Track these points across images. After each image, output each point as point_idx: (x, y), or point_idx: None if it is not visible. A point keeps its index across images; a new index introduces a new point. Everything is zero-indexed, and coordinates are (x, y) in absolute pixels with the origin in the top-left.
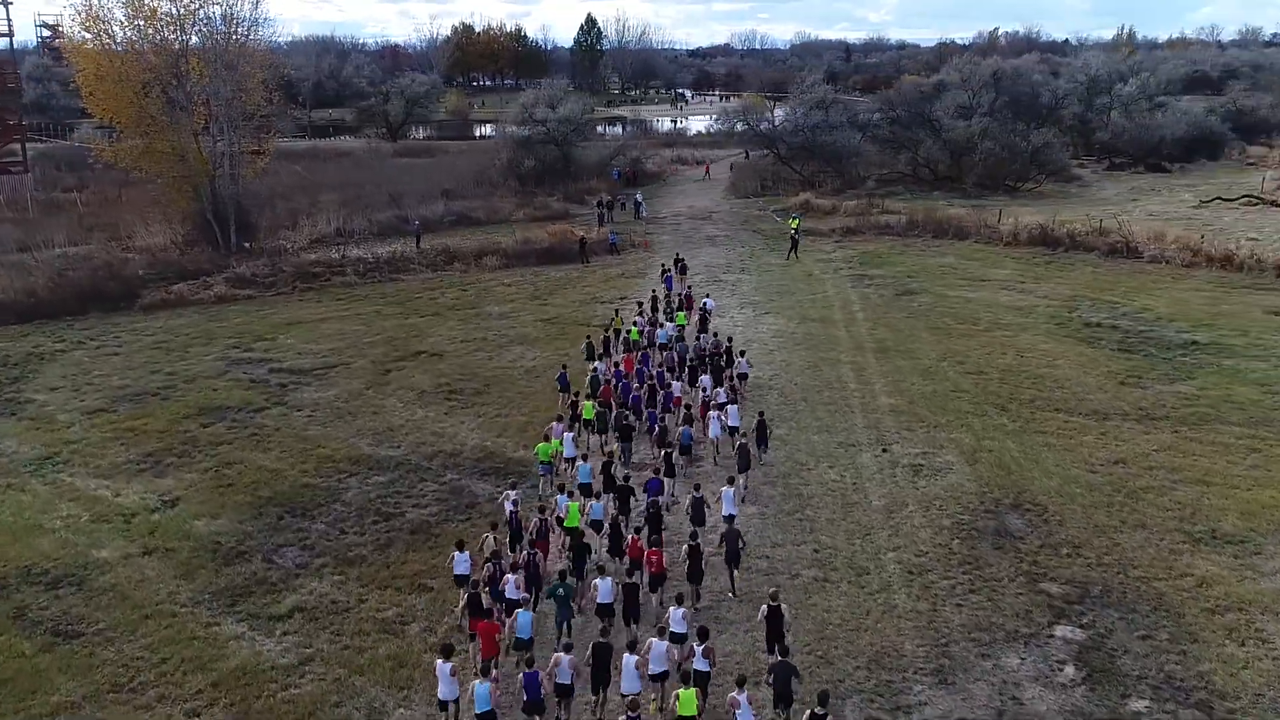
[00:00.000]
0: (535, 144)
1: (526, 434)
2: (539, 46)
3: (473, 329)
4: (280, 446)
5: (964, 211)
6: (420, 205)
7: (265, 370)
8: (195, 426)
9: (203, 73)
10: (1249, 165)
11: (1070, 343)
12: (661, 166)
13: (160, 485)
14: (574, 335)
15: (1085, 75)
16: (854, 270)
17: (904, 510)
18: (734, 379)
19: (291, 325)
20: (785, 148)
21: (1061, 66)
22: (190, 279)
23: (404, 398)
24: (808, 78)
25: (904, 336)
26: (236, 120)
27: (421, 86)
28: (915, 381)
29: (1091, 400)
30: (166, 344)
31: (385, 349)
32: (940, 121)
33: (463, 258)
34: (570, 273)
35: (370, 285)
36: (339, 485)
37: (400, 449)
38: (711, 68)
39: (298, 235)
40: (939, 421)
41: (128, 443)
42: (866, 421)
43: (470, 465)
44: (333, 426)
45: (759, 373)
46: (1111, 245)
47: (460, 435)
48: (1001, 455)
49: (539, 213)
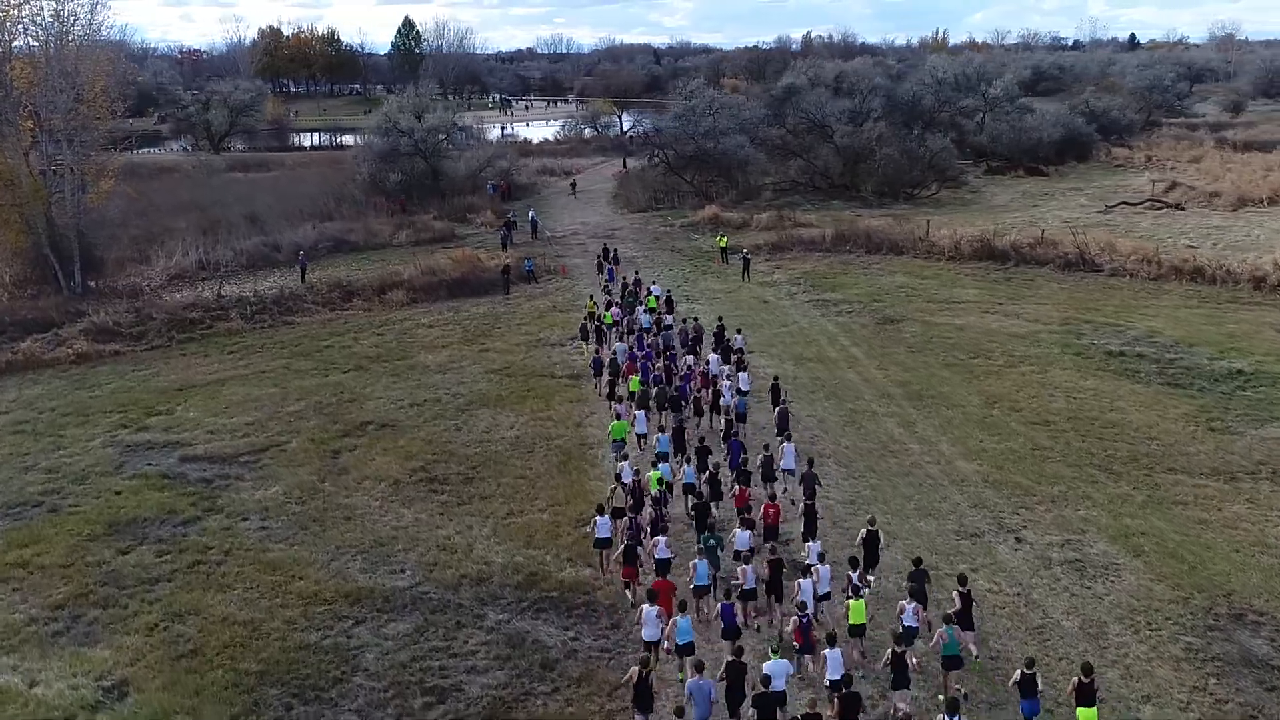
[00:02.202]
0: (401, 156)
1: (561, 540)
2: (353, 50)
3: (415, 388)
4: (240, 580)
5: (884, 223)
6: (286, 229)
7: (174, 459)
8: (109, 553)
9: (31, 80)
10: (1117, 166)
11: (1110, 377)
12: (532, 179)
13: (92, 661)
14: (542, 392)
15: (934, 78)
16: (808, 295)
17: (1108, 633)
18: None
19: (184, 391)
20: (674, 156)
21: (896, 70)
22: (37, 332)
23: (375, 492)
24: (689, 81)
25: (924, 377)
26: (77, 135)
27: (246, 94)
28: (981, 437)
29: (1197, 455)
30: (30, 425)
31: (319, 420)
32: (832, 128)
33: (362, 293)
34: (493, 307)
35: (261, 332)
36: (348, 643)
37: (407, 574)
38: (524, 72)
39: (152, 271)
40: (1051, 493)
41: (21, 588)
42: (966, 497)
43: (513, 597)
44: (301, 544)
45: (798, 435)
46: (1065, 259)
47: (477, 549)
48: (1161, 540)
49: (422, 235)
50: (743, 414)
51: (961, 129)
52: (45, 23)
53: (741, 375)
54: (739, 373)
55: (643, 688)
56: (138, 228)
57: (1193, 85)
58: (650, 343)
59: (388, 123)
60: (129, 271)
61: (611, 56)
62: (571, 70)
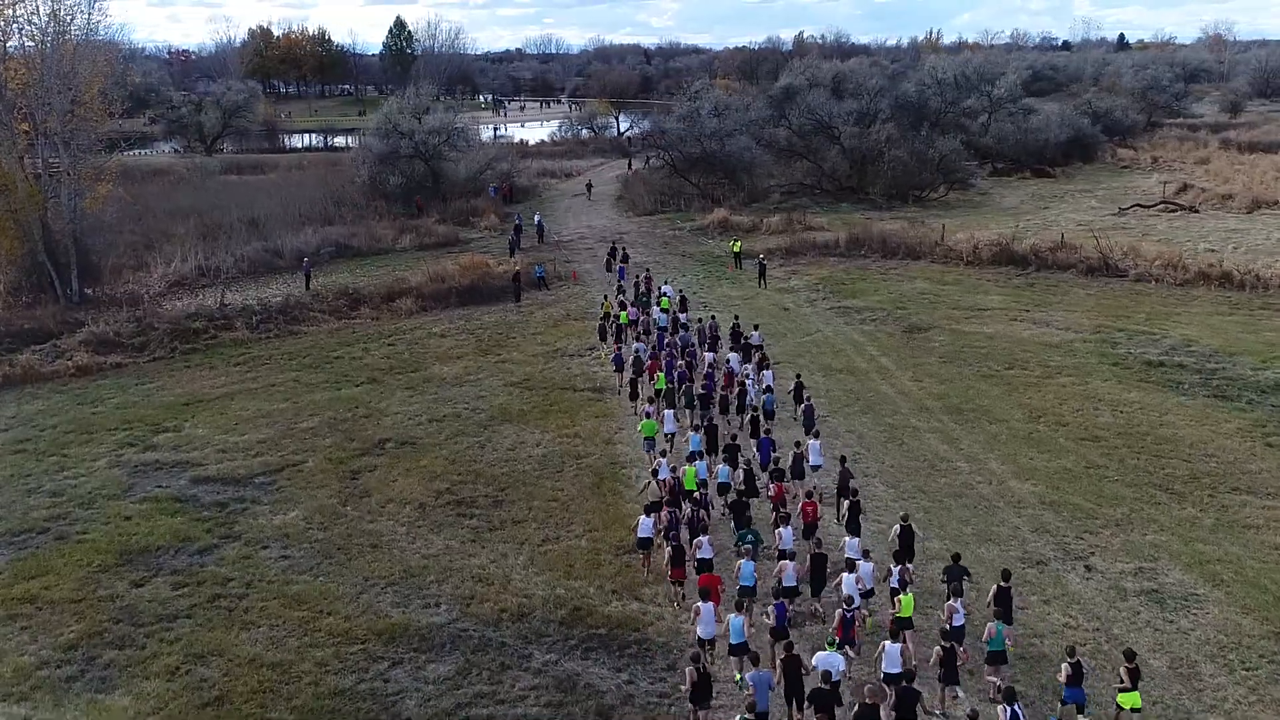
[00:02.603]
0: (401, 159)
1: (603, 570)
2: (344, 51)
3: (432, 402)
4: (265, 617)
5: (898, 226)
6: (287, 234)
7: (185, 480)
8: (123, 586)
9: (26, 81)
10: (1123, 168)
11: (1153, 389)
12: (533, 181)
13: (111, 711)
14: (566, 406)
15: (933, 78)
16: (829, 301)
17: (1201, 674)
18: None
19: (191, 406)
20: (680, 158)
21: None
22: (36, 344)
23: (399, 516)
24: (694, 82)
25: (961, 390)
26: (75, 138)
27: (239, 95)
28: (1030, 454)
29: (1260, 474)
30: (31, 444)
31: (335, 438)
32: (839, 129)
33: (370, 301)
34: (505, 315)
35: (268, 342)
36: (386, 688)
37: (442, 609)
38: (515, 72)
39: (151, 278)
40: (1114, 516)
41: (30, 625)
42: (1025, 521)
43: (558, 634)
44: (326, 575)
45: (835, 449)
46: (1088, 264)
47: (515, 580)
48: (1239, 568)
49: (425, 239)
50: (770, 411)
51: (966, 130)
52: (41, 22)
53: (765, 373)
54: (762, 371)
55: (702, 683)
56: (134, 233)
57: (1187, 85)
58: (670, 342)
59: (388, 124)
60: (127, 279)
61: (601, 57)
62: (562, 71)
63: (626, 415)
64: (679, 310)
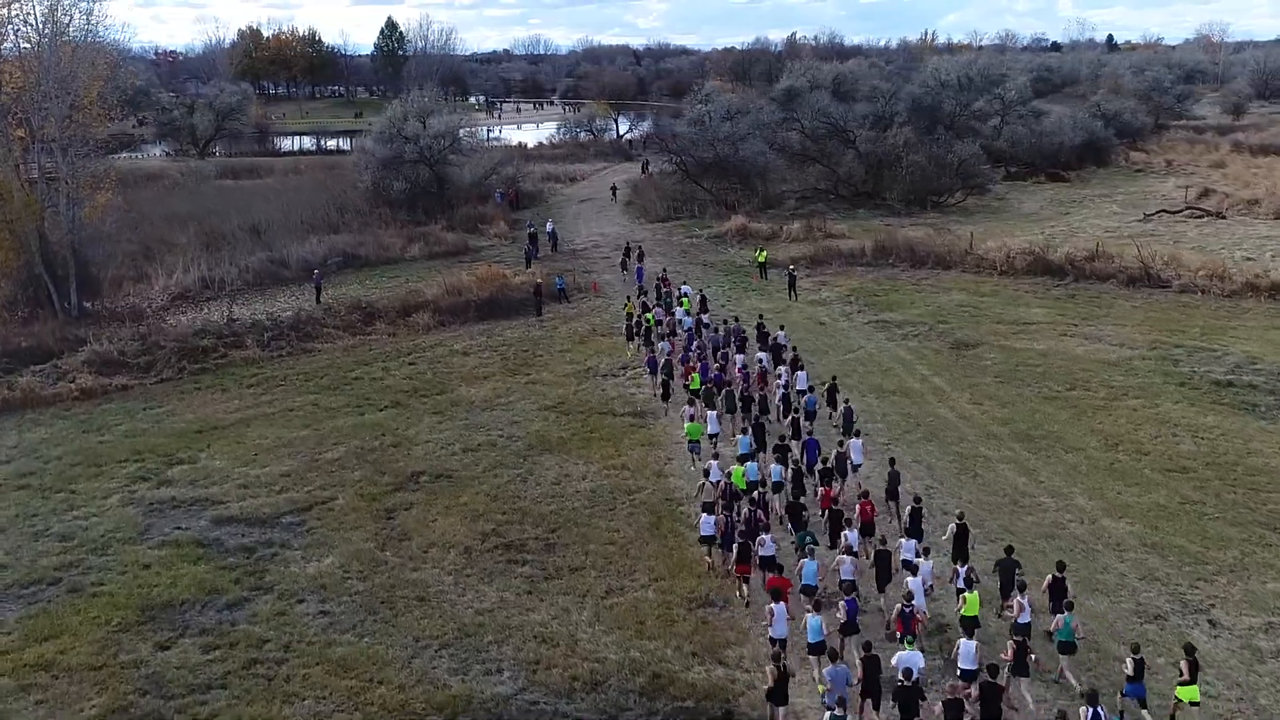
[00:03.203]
0: (405, 164)
1: (677, 628)
2: (335, 52)
3: (464, 428)
4: (309, 687)
5: (923, 234)
6: (291, 243)
7: (205, 520)
8: (147, 649)
9: (22, 85)
10: (1137, 171)
11: (1229, 413)
12: (538, 186)
13: None
14: (607, 433)
15: (937, 80)
16: (865, 315)
17: None
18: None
19: (205, 433)
20: (692, 163)
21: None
22: (36, 363)
23: (444, 563)
24: (704, 83)
25: (1026, 413)
26: (73, 145)
27: (232, 97)
28: (1117, 488)
29: None
30: (36, 478)
31: (365, 471)
32: (854, 133)
33: (385, 315)
34: (527, 330)
35: (281, 361)
36: None
37: (505, 676)
38: (505, 73)
39: (152, 290)
40: (1226, 561)
41: (46, 698)
42: (1129, 566)
43: (640, 708)
44: (372, 634)
45: (912, 485)
46: (1128, 274)
47: (582, 641)
48: None
49: (435, 248)
50: (812, 411)
51: (978, 133)
52: (38, 23)
53: (800, 374)
54: (796, 371)
55: (780, 683)
56: (132, 242)
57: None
58: (699, 344)
59: (391, 128)
60: (127, 291)
61: (591, 58)
62: (552, 72)
63: (675, 446)
64: (700, 311)
